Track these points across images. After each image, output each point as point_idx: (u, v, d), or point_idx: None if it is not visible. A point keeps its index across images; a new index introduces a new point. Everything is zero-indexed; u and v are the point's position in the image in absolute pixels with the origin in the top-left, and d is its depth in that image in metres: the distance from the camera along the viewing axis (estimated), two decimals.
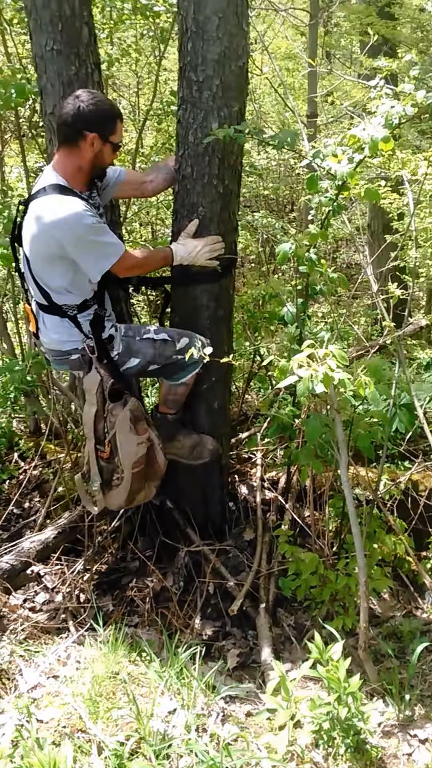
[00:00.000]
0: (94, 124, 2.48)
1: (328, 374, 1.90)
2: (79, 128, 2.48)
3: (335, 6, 7.93)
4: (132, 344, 2.70)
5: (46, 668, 2.39)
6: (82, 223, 2.43)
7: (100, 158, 2.57)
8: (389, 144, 2.32)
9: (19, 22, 4.37)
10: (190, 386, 2.85)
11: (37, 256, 2.53)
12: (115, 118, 2.55)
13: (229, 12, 2.57)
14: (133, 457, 2.69)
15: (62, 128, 2.53)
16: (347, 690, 2.00)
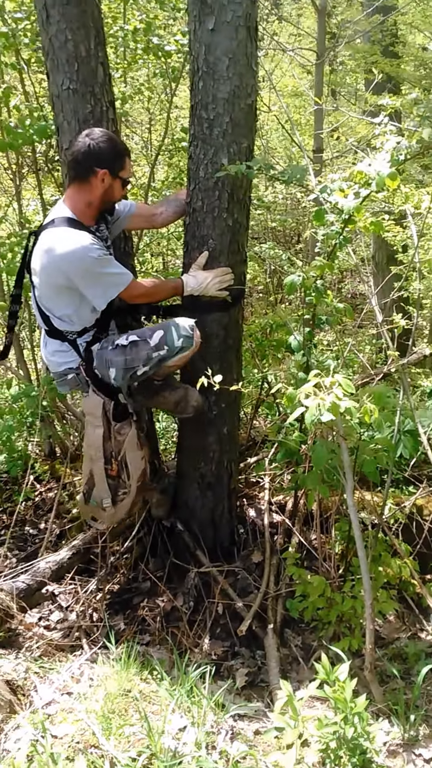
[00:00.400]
0: (104, 160, 2.55)
1: (335, 403, 1.94)
2: (89, 165, 2.55)
3: (341, 46, 8.09)
4: (104, 355, 2.68)
5: (60, 685, 2.41)
6: (89, 256, 2.48)
7: (110, 194, 2.64)
8: (396, 180, 2.34)
9: (37, 62, 4.49)
10: (179, 366, 2.83)
11: (44, 286, 2.59)
12: (124, 155, 2.62)
13: (239, 53, 2.64)
14: (139, 472, 2.76)
15: (73, 165, 2.59)
16: (354, 710, 2.01)
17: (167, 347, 2.64)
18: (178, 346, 2.64)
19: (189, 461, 3.22)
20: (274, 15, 10.58)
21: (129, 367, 2.65)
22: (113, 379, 2.68)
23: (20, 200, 5.01)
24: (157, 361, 2.66)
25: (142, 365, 2.65)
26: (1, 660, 2.49)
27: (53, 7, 2.89)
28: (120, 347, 2.66)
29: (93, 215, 2.67)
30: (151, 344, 2.64)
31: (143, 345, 2.65)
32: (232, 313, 3.00)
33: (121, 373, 2.66)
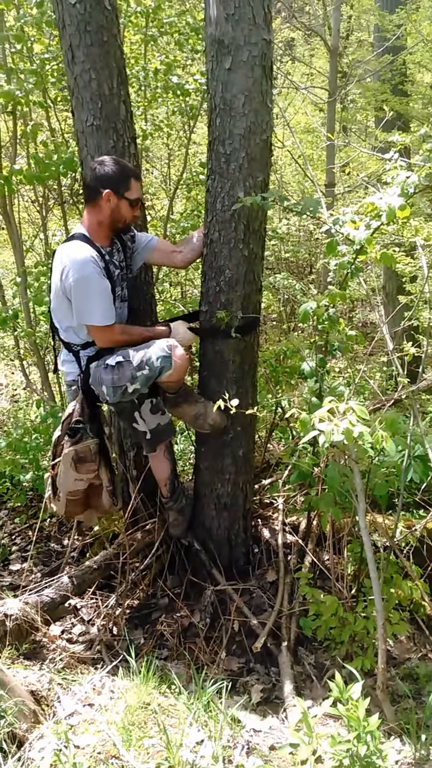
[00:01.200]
0: (108, 182, 2.69)
1: (349, 429, 1.96)
2: (96, 186, 2.70)
3: (352, 85, 8.21)
4: (97, 373, 2.77)
5: (82, 696, 2.42)
6: (84, 268, 2.61)
7: (117, 213, 2.76)
8: (406, 211, 2.37)
9: (62, 100, 4.61)
10: (179, 381, 2.87)
11: (54, 295, 2.74)
12: (130, 177, 2.74)
13: (255, 91, 2.69)
14: (69, 488, 2.82)
15: (85, 189, 2.79)
16: (366, 728, 2.00)
17: (148, 367, 2.71)
18: (157, 366, 2.70)
19: (205, 482, 3.24)
20: (287, 55, 10.76)
21: (117, 386, 2.72)
22: (107, 396, 2.76)
23: (46, 231, 5.10)
24: (143, 379, 2.72)
25: (129, 383, 2.71)
26: (26, 671, 2.51)
27: (78, 48, 2.98)
28: (109, 367, 2.74)
29: (105, 235, 2.81)
30: (133, 364, 2.72)
31: (127, 365, 2.72)
32: (247, 340, 3.04)
33: (112, 391, 2.73)
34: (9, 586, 3.49)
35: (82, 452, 2.78)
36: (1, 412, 6.22)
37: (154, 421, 3.00)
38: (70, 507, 2.87)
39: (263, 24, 2.66)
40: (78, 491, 2.82)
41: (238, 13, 2.62)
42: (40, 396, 4.89)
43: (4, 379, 7.34)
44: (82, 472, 2.80)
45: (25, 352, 5.26)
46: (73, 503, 2.86)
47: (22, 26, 4.08)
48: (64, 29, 2.99)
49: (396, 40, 7.28)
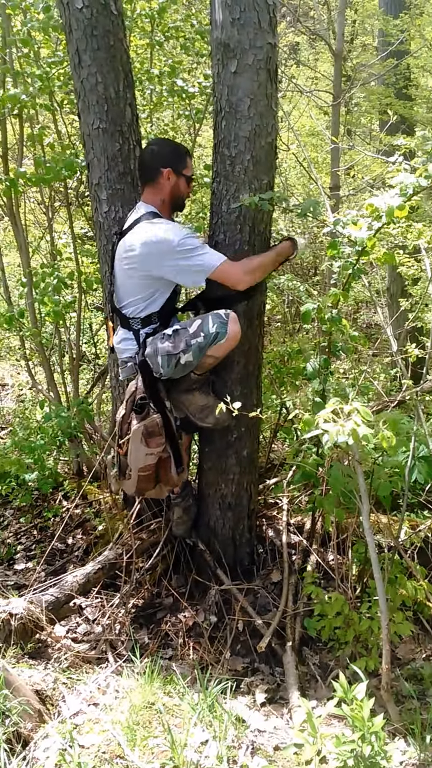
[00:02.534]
0: (168, 161, 2.77)
1: (355, 430, 1.95)
2: (155, 166, 2.77)
3: (356, 88, 8.18)
4: (154, 343, 2.77)
5: (87, 696, 2.41)
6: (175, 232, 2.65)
7: (177, 190, 2.84)
8: (404, 211, 2.39)
9: (69, 104, 4.61)
10: (218, 358, 2.83)
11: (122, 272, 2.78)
12: (185, 155, 2.83)
13: (260, 94, 2.69)
14: (140, 463, 2.81)
15: (143, 170, 2.85)
16: (371, 729, 1.98)
17: (203, 333, 2.71)
18: (212, 333, 2.70)
19: (210, 482, 3.23)
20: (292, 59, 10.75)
21: (172, 353, 2.73)
22: (161, 367, 2.75)
23: (52, 233, 5.10)
24: (196, 348, 2.72)
25: (183, 353, 2.72)
26: (31, 670, 2.50)
27: (85, 52, 2.98)
28: (166, 336, 2.76)
29: (168, 212, 2.87)
30: (189, 332, 2.74)
31: (183, 333, 2.74)
32: (252, 341, 3.02)
33: (166, 360, 2.73)
34: (14, 585, 3.49)
35: (150, 426, 2.77)
36: (7, 412, 6.22)
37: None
38: (141, 483, 2.86)
39: (268, 28, 2.66)
40: (149, 466, 2.81)
41: (243, 17, 2.61)
42: (45, 396, 4.88)
43: (10, 380, 7.34)
44: (153, 446, 2.79)
45: (31, 352, 5.25)
46: (145, 479, 2.84)
47: (29, 31, 4.08)
48: (71, 33, 2.99)
49: (400, 45, 7.27)
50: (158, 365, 2.75)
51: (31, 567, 3.60)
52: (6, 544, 3.95)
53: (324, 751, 2.04)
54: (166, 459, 2.85)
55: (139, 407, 2.79)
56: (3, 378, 7.43)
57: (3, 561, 3.84)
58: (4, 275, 5.07)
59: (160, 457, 2.82)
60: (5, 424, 5.95)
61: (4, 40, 4.16)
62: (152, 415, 2.79)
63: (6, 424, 5.94)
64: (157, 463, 2.83)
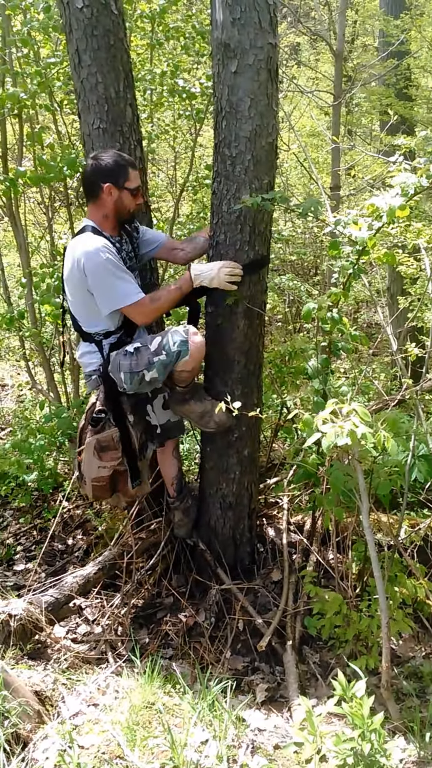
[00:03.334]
0: (107, 175, 2.69)
1: (353, 431, 1.94)
2: (95, 181, 2.70)
3: (356, 89, 8.19)
4: (116, 360, 2.76)
5: (86, 696, 2.40)
6: (99, 257, 2.60)
7: (120, 204, 2.76)
8: (405, 211, 2.38)
9: (68, 104, 4.62)
10: (191, 372, 2.83)
11: (69, 288, 2.74)
12: (127, 167, 2.72)
13: (260, 94, 2.68)
14: (93, 474, 2.81)
15: (85, 186, 2.78)
16: (370, 727, 1.98)
17: (165, 352, 2.70)
18: (174, 351, 2.69)
19: (211, 482, 3.22)
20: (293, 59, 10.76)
21: (134, 371, 2.71)
22: (124, 383, 2.74)
23: (52, 233, 5.10)
24: (160, 366, 2.70)
25: (146, 370, 2.70)
26: (31, 671, 2.50)
27: (85, 52, 2.97)
28: (128, 353, 2.74)
29: (113, 226, 2.81)
30: (151, 349, 2.72)
31: (145, 351, 2.72)
32: (252, 341, 3.02)
33: (129, 377, 2.72)
34: (13, 586, 3.49)
35: (104, 441, 2.78)
36: (7, 413, 6.22)
37: (164, 417, 3.08)
38: (96, 492, 2.86)
39: (269, 28, 2.66)
40: (102, 477, 2.80)
41: (244, 17, 2.61)
42: (45, 396, 4.88)
43: (10, 380, 7.34)
44: (106, 459, 2.79)
45: (31, 352, 5.26)
46: (99, 488, 2.84)
47: (29, 31, 4.08)
48: (71, 33, 2.99)
49: (400, 45, 7.27)
50: (121, 381, 2.75)
51: (31, 568, 3.59)
52: (5, 544, 3.95)
53: (324, 750, 2.04)
54: (122, 472, 2.84)
55: (95, 421, 2.80)
56: (3, 378, 7.43)
57: (2, 562, 3.84)
58: (3, 275, 5.08)
59: (115, 469, 2.81)
60: (5, 424, 5.95)
61: (4, 40, 4.16)
62: (108, 429, 2.79)
63: (6, 424, 5.94)
64: (113, 475, 2.82)
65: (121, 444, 2.80)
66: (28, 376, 5.29)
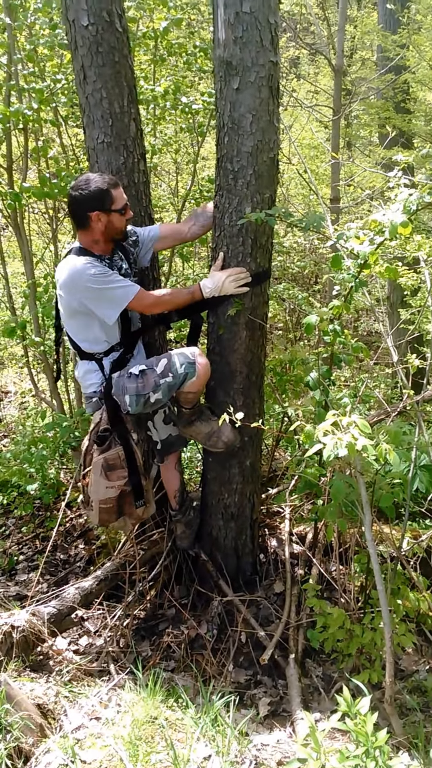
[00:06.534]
0: (94, 204, 2.64)
1: (352, 443, 1.90)
2: (82, 213, 2.65)
3: (356, 102, 8.18)
4: (120, 382, 2.72)
5: (89, 710, 2.36)
6: (86, 273, 2.57)
7: (111, 228, 2.71)
8: (408, 228, 2.36)
9: (73, 118, 4.61)
10: (197, 393, 2.80)
11: (64, 310, 2.70)
12: (109, 190, 2.66)
13: (262, 110, 2.68)
14: (101, 496, 2.74)
15: (72, 217, 2.73)
16: (375, 744, 1.93)
17: (171, 374, 2.67)
18: (181, 373, 2.67)
19: (213, 492, 3.19)
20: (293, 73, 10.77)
21: (140, 394, 2.69)
22: (128, 405, 2.71)
23: (56, 243, 5.09)
24: (166, 388, 2.68)
25: (152, 392, 2.68)
26: (33, 684, 2.45)
27: (90, 68, 2.96)
28: (133, 376, 2.71)
29: (103, 248, 2.76)
30: (157, 372, 2.69)
31: (151, 373, 2.70)
32: (254, 352, 2.99)
33: (135, 400, 2.70)
34: (16, 596, 3.44)
35: (111, 460, 2.73)
36: (10, 420, 6.18)
37: (165, 432, 3.06)
38: (103, 515, 2.79)
39: (270, 46, 2.64)
40: (110, 499, 2.74)
41: (246, 36, 2.60)
42: (48, 405, 4.85)
43: (12, 387, 7.31)
44: (113, 479, 2.74)
45: (34, 360, 5.23)
46: (107, 511, 2.77)
47: (35, 47, 4.08)
48: (77, 50, 2.98)
49: (399, 60, 7.27)
50: (125, 404, 2.71)
51: (33, 578, 3.54)
52: (7, 554, 3.90)
53: (328, 766, 1.99)
54: (128, 492, 2.78)
55: (100, 439, 2.75)
56: (6, 386, 7.40)
57: (5, 572, 3.80)
58: (7, 284, 5.05)
59: (122, 490, 2.76)
60: (8, 432, 5.91)
61: (10, 57, 4.16)
62: (114, 447, 2.75)
63: (8, 431, 5.90)
64: (120, 497, 2.76)
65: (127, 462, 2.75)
66: (31, 384, 5.26)
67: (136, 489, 2.77)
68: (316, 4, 10.50)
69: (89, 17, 2.90)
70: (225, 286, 2.77)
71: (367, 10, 11.24)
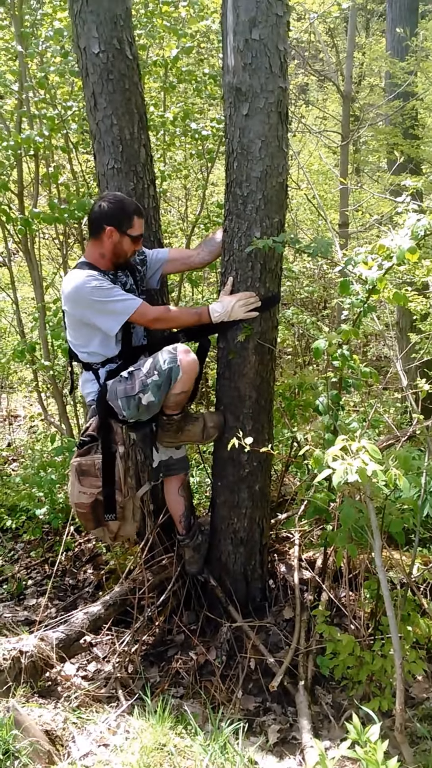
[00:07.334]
0: (111, 219, 2.75)
1: (363, 468, 1.94)
2: (99, 223, 2.76)
3: (364, 128, 8.32)
4: (113, 387, 2.78)
5: (97, 736, 2.37)
6: (87, 286, 2.66)
7: (119, 249, 2.81)
8: (416, 254, 2.41)
9: (83, 145, 4.73)
10: (188, 392, 2.83)
11: (67, 321, 2.81)
12: (132, 215, 2.78)
13: (271, 136, 2.75)
14: (75, 500, 2.83)
15: (89, 224, 2.83)
16: None
17: (157, 371, 2.71)
18: (165, 369, 2.70)
19: (222, 517, 3.21)
20: (301, 100, 10.97)
21: (129, 395, 2.73)
22: (122, 410, 2.77)
23: (66, 268, 5.18)
24: (154, 387, 2.71)
25: (141, 393, 2.72)
26: (41, 709, 2.46)
27: (101, 95, 3.04)
28: (123, 379, 2.77)
29: (107, 265, 2.85)
30: (143, 371, 2.74)
31: (138, 374, 2.75)
32: (264, 376, 3.03)
33: (126, 402, 2.75)
34: (24, 621, 3.45)
35: (85, 465, 2.78)
36: (19, 444, 6.23)
37: (167, 453, 3.13)
38: (80, 518, 2.88)
39: (279, 73, 2.72)
40: (83, 504, 2.79)
41: (255, 62, 2.68)
42: (57, 428, 4.90)
43: (22, 411, 7.38)
44: (86, 485, 2.79)
45: (43, 384, 5.29)
46: (82, 516, 2.84)
47: (46, 75, 4.20)
48: (88, 77, 3.07)
49: (407, 87, 7.40)
50: (120, 408, 2.77)
51: (42, 602, 3.56)
52: (16, 578, 3.92)
53: None
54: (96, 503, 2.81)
55: (80, 444, 2.82)
56: (15, 409, 7.47)
57: (13, 596, 3.81)
58: (18, 309, 5.15)
59: (96, 499, 2.79)
60: (17, 455, 5.96)
61: (21, 84, 4.29)
62: (92, 454, 2.80)
63: (18, 455, 5.95)
64: (94, 504, 2.80)
65: (102, 472, 2.79)
66: (41, 408, 5.32)
67: (108, 501, 2.80)
68: (325, 32, 10.73)
69: (100, 45, 2.99)
70: (234, 311, 2.83)
71: (376, 37, 11.48)
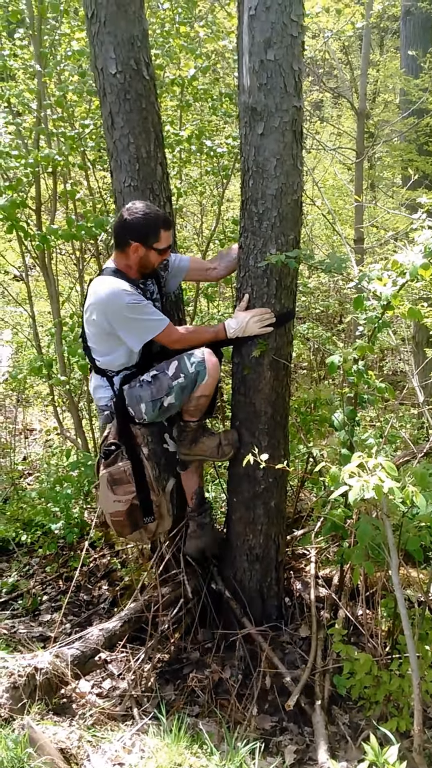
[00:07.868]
0: (137, 234, 2.74)
1: (379, 486, 1.93)
2: (124, 237, 2.75)
3: (379, 145, 8.36)
4: (134, 393, 2.80)
5: (112, 755, 2.35)
6: (121, 301, 2.66)
7: (145, 262, 2.82)
8: (429, 270, 2.41)
9: (100, 162, 4.79)
10: (209, 396, 2.86)
11: (90, 325, 2.79)
12: (159, 228, 2.76)
13: (286, 154, 2.77)
14: (110, 509, 2.82)
15: (114, 234, 2.83)
16: None
17: (183, 374, 2.74)
18: (192, 372, 2.74)
19: (238, 533, 3.20)
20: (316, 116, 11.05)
21: (155, 399, 2.76)
22: (144, 414, 2.78)
23: (83, 283, 5.23)
24: (179, 389, 2.75)
25: (166, 395, 2.75)
26: (56, 727, 2.45)
27: (118, 114, 3.08)
28: (146, 383, 2.79)
29: (135, 274, 2.86)
30: (169, 374, 2.77)
31: (163, 376, 2.77)
32: (279, 392, 3.03)
33: (150, 406, 2.77)
34: (39, 637, 3.45)
35: (116, 474, 2.80)
36: (35, 458, 6.26)
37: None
38: (117, 527, 2.87)
39: (294, 92, 2.75)
40: (119, 512, 2.80)
41: (270, 83, 2.71)
42: (73, 443, 4.92)
43: (38, 425, 7.42)
44: (119, 493, 2.80)
45: (59, 398, 5.33)
46: (119, 524, 2.85)
47: (64, 94, 4.28)
48: (105, 97, 3.12)
49: (421, 104, 7.44)
50: (141, 412, 2.79)
51: (56, 618, 3.56)
52: (31, 594, 3.93)
53: None
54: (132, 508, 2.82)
55: (105, 454, 2.83)
56: (31, 423, 7.50)
57: (28, 612, 3.82)
58: (34, 324, 5.20)
59: (131, 504, 2.80)
60: (32, 470, 5.99)
61: (40, 102, 4.37)
62: (119, 462, 2.81)
63: (33, 470, 5.98)
64: (130, 510, 2.81)
65: (134, 477, 2.80)
66: (56, 422, 5.35)
67: (145, 504, 2.82)
68: (339, 49, 10.82)
69: (117, 65, 3.03)
70: (249, 327, 2.85)
71: (390, 54, 11.54)
